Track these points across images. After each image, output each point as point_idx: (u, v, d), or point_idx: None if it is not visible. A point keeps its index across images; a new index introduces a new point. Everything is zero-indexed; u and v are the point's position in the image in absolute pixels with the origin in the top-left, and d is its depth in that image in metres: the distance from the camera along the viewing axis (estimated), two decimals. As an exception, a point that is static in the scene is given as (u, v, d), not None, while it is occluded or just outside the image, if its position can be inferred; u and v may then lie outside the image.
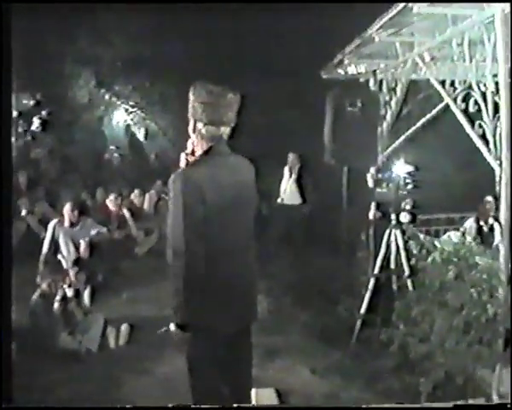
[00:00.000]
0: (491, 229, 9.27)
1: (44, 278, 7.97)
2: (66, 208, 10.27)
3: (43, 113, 14.34)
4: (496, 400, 5.23)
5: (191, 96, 4.07)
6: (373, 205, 8.35)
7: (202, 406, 4.12)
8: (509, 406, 4.78)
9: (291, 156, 12.31)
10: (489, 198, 9.33)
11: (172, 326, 3.89)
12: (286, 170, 12.28)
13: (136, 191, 12.78)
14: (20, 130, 14.17)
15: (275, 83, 12.51)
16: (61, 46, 13.82)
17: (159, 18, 12.81)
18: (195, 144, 4.13)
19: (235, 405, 4.03)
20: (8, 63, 4.32)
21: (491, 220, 9.30)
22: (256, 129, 11.43)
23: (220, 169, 4.03)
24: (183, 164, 4.24)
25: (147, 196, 12.86)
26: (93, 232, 10.56)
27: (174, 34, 13.04)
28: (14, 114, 13.91)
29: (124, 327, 7.96)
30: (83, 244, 10.20)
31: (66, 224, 10.23)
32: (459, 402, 5.23)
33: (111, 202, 11.76)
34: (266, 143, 10.38)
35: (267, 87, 12.27)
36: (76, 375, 6.83)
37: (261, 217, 8.97)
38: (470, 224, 9.34)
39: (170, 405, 5.36)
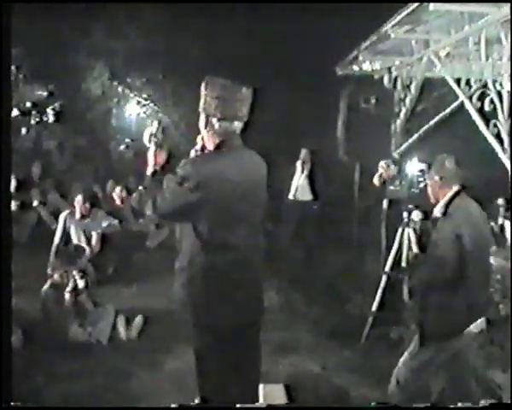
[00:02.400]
0: (503, 229, 9.24)
1: (56, 269, 7.98)
2: (78, 200, 10.32)
3: (57, 104, 14.35)
4: (507, 401, 5.20)
5: (203, 91, 4.04)
6: (385, 202, 8.32)
7: (204, 405, 4.12)
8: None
9: (303, 152, 12.29)
10: (500, 201, 9.31)
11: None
12: (298, 165, 12.25)
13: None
14: (32, 121, 14.18)
15: (289, 78, 12.47)
16: (76, 38, 13.82)
17: (173, 11, 12.80)
18: (207, 139, 4.12)
19: (243, 405, 4.01)
20: (8, 63, 4.31)
21: (500, 220, 9.27)
22: (269, 124, 11.42)
23: (231, 163, 4.02)
24: None
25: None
26: (104, 224, 10.60)
27: (188, 28, 13.03)
28: (28, 104, 13.95)
29: (138, 319, 7.97)
30: (94, 236, 10.25)
31: (78, 215, 10.28)
32: (467, 404, 5.20)
33: (117, 195, 11.78)
34: (279, 139, 10.36)
35: (281, 82, 12.25)
36: (85, 367, 6.83)
37: (272, 213, 8.96)
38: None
39: (178, 400, 5.37)
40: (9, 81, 4.54)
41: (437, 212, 5.37)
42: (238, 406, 3.88)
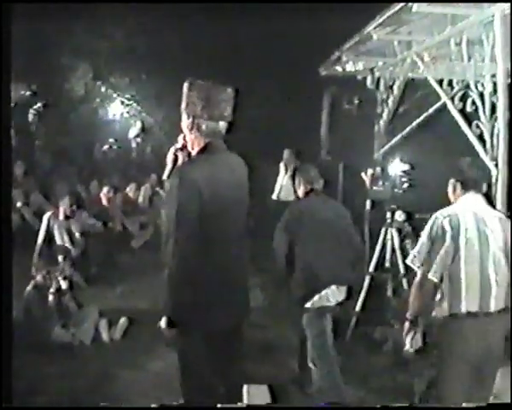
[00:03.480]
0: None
1: (39, 270, 7.96)
2: (64, 202, 10.27)
3: (39, 104, 14.30)
4: (491, 400, 5.22)
5: (187, 92, 4.02)
6: (368, 203, 8.34)
7: (193, 406, 4.12)
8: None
9: (287, 152, 12.28)
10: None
11: (163, 323, 3.88)
12: (281, 166, 12.24)
13: (132, 185, 12.79)
14: (16, 121, 14.12)
15: (272, 79, 12.50)
16: (59, 38, 13.80)
17: (156, 12, 12.79)
18: (192, 140, 4.11)
19: (224, 405, 4.02)
20: (8, 63, 4.29)
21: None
22: (252, 125, 11.44)
23: (217, 167, 4.01)
24: (170, 159, 4.22)
25: (142, 189, 12.88)
26: (88, 224, 10.60)
27: (171, 29, 13.03)
28: (11, 104, 13.87)
29: (122, 321, 7.95)
30: (77, 237, 10.23)
31: (61, 216, 10.23)
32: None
33: (104, 196, 11.75)
34: (262, 139, 10.37)
35: (264, 83, 12.28)
36: (68, 368, 6.81)
37: (256, 213, 8.94)
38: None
39: (161, 401, 5.37)
40: (8, 84, 4.51)
41: None
42: (219, 406, 3.88)
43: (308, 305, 5.96)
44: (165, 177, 4.23)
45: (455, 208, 4.65)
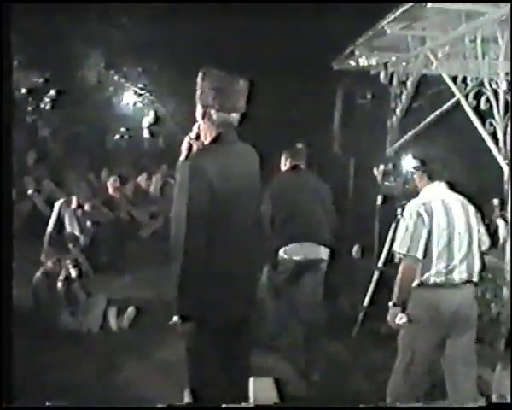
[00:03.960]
0: (497, 228, 9.25)
1: (49, 257, 7.97)
2: (77, 191, 10.35)
3: (52, 91, 14.31)
4: (495, 399, 5.22)
5: (201, 82, 4.02)
6: (379, 198, 8.32)
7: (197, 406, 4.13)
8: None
9: (298, 146, 12.25)
10: (495, 201, 9.34)
11: (175, 318, 3.87)
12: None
13: (144, 174, 12.80)
14: (29, 108, 14.16)
15: (285, 73, 12.47)
16: (72, 26, 13.78)
17: (169, 2, 12.77)
18: (204, 130, 4.10)
19: (229, 405, 4.02)
20: (9, 63, 4.29)
21: (496, 220, 9.29)
22: (265, 119, 11.42)
23: (228, 157, 4.01)
24: (184, 148, 4.21)
25: (153, 179, 12.89)
26: (99, 214, 10.64)
27: (185, 19, 13.00)
28: (24, 90, 13.91)
29: (130, 310, 7.97)
30: (88, 222, 10.26)
31: (74, 205, 10.26)
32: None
33: (111, 185, 11.76)
34: (275, 133, 10.35)
35: (277, 77, 12.24)
36: (76, 355, 6.83)
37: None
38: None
39: (167, 390, 5.38)
40: (10, 73, 4.51)
41: None
42: (224, 406, 3.88)
43: (281, 252, 6.64)
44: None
45: (426, 197, 5.23)
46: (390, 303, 5.02)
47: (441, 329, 4.99)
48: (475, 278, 5.05)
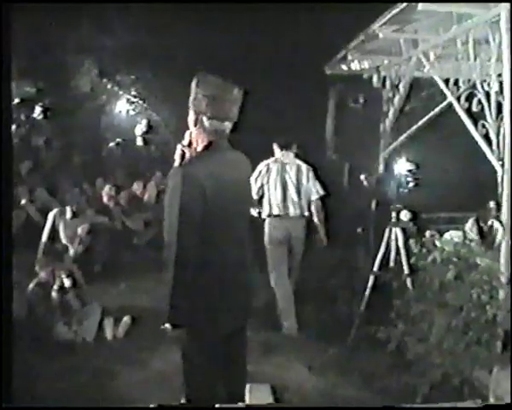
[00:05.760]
0: (492, 229, 9.26)
1: (43, 267, 7.95)
2: (71, 200, 10.34)
3: (45, 101, 14.28)
4: (492, 402, 5.21)
5: (195, 88, 4.01)
6: (373, 202, 8.32)
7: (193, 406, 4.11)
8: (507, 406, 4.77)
9: (294, 148, 12.22)
10: (491, 204, 9.35)
11: (167, 325, 3.85)
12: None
13: (139, 183, 12.77)
14: (22, 117, 14.13)
15: (278, 77, 12.46)
16: (64, 34, 13.76)
17: (161, 9, 12.76)
18: (196, 137, 4.09)
19: (223, 405, 4.00)
20: (8, 62, 4.28)
21: (491, 222, 9.29)
22: (256, 124, 11.41)
23: (220, 165, 3.99)
24: (178, 155, 4.20)
25: (148, 187, 12.86)
26: (94, 221, 10.61)
27: (177, 26, 13.00)
28: (17, 100, 13.88)
29: (125, 319, 7.95)
30: (81, 226, 10.21)
31: (68, 215, 10.23)
32: (460, 404, 5.21)
33: (105, 193, 11.72)
34: (267, 138, 10.33)
35: (269, 81, 12.23)
36: (70, 365, 6.81)
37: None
38: (471, 224, 9.33)
39: (164, 399, 5.35)
40: (9, 81, 4.49)
41: None
42: (217, 406, 3.87)
43: None
44: None
45: (270, 160, 8.37)
46: None
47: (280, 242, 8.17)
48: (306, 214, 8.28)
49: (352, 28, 7.64)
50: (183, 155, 4.20)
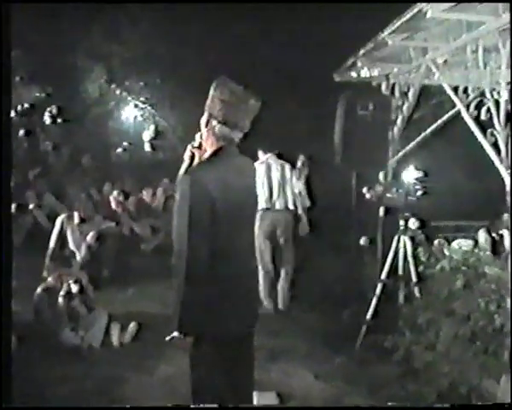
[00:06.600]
0: (502, 239, 9.22)
1: (51, 272, 7.95)
2: (79, 206, 10.36)
3: (54, 106, 14.31)
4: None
5: (212, 91, 4.00)
6: (382, 210, 8.29)
7: (202, 406, 4.08)
8: (507, 406, 4.75)
9: (301, 158, 12.21)
10: (506, 216, 9.31)
11: (176, 333, 3.84)
12: (295, 172, 12.17)
13: (148, 189, 12.78)
14: (31, 123, 14.17)
15: (286, 85, 12.47)
16: (74, 40, 13.82)
17: (171, 15, 12.80)
18: (206, 140, 4.08)
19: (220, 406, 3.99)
20: (8, 63, 4.28)
21: (502, 232, 9.25)
22: (266, 130, 11.41)
23: (228, 171, 3.98)
24: (187, 156, 4.20)
25: (157, 193, 12.87)
26: (102, 226, 10.62)
27: (186, 33, 13.03)
28: (26, 105, 13.93)
29: (132, 325, 7.93)
30: (91, 234, 10.21)
31: (76, 220, 10.24)
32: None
33: (113, 199, 11.73)
34: (276, 145, 10.32)
35: (278, 88, 12.22)
36: (77, 371, 6.80)
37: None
38: (482, 234, 9.29)
39: (170, 405, 5.34)
40: (9, 84, 4.49)
41: None
42: (216, 406, 3.85)
43: None
44: (181, 173, 4.18)
45: (257, 163, 8.64)
46: None
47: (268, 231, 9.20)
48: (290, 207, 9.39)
49: (362, 35, 7.62)
50: (192, 157, 4.20)
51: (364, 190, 8.16)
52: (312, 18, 11.98)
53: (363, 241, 10.35)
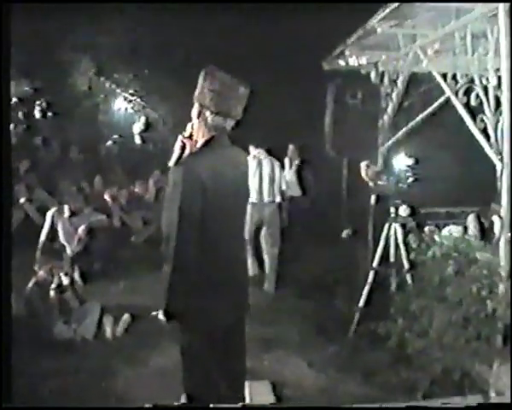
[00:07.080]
0: (492, 224, 9.23)
1: (42, 266, 7.93)
2: (69, 199, 10.35)
3: (43, 100, 14.26)
4: (493, 396, 5.21)
5: (201, 81, 4.00)
6: (373, 198, 8.30)
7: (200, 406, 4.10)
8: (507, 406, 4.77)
9: (291, 148, 12.21)
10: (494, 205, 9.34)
11: (161, 314, 3.86)
12: (286, 162, 12.18)
13: (139, 180, 12.76)
14: (19, 117, 14.10)
15: (275, 74, 12.45)
16: (61, 33, 13.74)
17: (159, 7, 12.74)
18: (197, 130, 4.07)
19: (219, 405, 4.00)
20: (8, 63, 4.27)
21: (492, 218, 9.28)
22: (256, 120, 11.40)
23: (220, 161, 3.98)
24: (178, 147, 4.19)
25: (149, 184, 12.85)
26: (92, 219, 10.59)
27: (174, 24, 12.98)
28: (14, 100, 13.86)
29: (125, 317, 7.93)
30: (82, 227, 10.19)
31: (66, 213, 10.21)
32: (456, 398, 5.20)
33: (108, 193, 11.71)
34: (266, 135, 10.34)
35: (267, 78, 12.20)
36: (70, 364, 6.80)
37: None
38: (472, 220, 9.30)
39: (163, 397, 5.35)
40: (8, 79, 4.48)
41: None
42: (211, 406, 3.86)
43: None
44: (171, 164, 4.18)
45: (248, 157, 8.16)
46: None
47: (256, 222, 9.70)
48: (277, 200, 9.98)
49: (350, 23, 7.62)
50: (183, 147, 4.19)
51: (362, 164, 8.06)
52: (300, 7, 11.95)
53: (349, 230, 10.45)
